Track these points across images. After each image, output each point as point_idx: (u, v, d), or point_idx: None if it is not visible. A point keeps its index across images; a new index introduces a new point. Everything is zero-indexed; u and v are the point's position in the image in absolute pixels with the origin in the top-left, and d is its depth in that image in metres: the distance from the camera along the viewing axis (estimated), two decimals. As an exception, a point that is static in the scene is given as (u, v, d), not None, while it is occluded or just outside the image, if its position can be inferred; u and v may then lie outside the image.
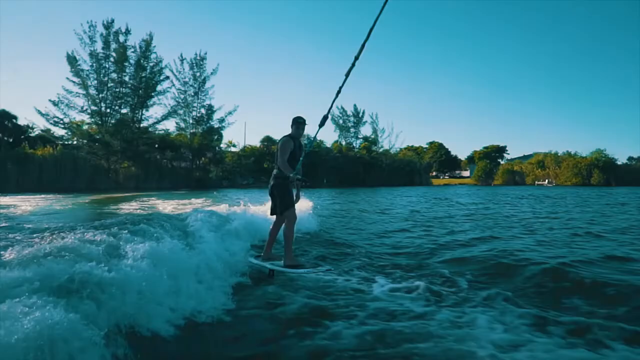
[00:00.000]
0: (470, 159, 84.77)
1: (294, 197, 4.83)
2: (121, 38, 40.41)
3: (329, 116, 4.64)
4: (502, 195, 29.03)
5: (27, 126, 40.98)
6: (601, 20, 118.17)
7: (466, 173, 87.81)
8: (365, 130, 66.90)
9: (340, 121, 63.48)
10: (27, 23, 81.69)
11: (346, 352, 2.73)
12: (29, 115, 69.63)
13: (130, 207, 14.99)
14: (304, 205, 8.51)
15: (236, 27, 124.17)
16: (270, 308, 3.67)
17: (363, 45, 4.03)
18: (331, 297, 3.95)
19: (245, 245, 5.91)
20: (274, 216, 4.94)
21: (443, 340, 2.87)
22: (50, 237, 3.72)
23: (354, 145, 64.36)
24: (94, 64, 39.55)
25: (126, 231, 4.14)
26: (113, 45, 40.21)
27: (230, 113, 47.59)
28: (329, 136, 70.40)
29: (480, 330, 3.05)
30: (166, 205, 14.88)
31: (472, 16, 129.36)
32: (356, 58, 4.09)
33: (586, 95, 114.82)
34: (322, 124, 4.56)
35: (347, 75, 4.17)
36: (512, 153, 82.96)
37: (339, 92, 4.29)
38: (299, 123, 4.80)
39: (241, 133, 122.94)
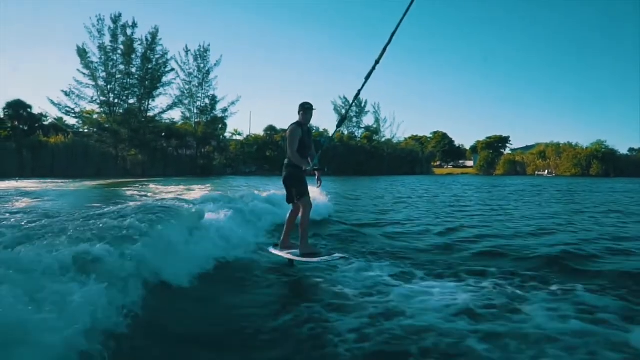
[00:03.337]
0: (474, 149, 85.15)
1: (317, 183, 4.87)
2: (128, 31, 42.02)
3: (347, 117, 4.97)
4: (472, 185, 30.45)
5: (41, 115, 43.33)
6: (604, 13, 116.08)
7: (470, 163, 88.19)
8: (368, 120, 67.96)
9: (343, 111, 64.47)
10: (41, 16, 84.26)
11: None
12: (43, 104, 72.59)
13: (135, 191, 16.88)
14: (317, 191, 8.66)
15: (243, 16, 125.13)
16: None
17: (385, 49, 3.85)
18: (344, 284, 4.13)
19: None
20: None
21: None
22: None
23: (356, 134, 65.57)
24: (103, 57, 41.24)
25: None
26: (121, 38, 41.84)
27: (233, 103, 49.15)
28: (332, 125, 71.56)
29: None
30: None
31: (476, 7, 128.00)
32: (377, 62, 3.90)
33: (591, 86, 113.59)
34: (340, 125, 4.86)
35: (366, 78, 4.00)
36: (515, 144, 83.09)
37: (357, 94, 4.17)
38: (306, 109, 4.61)
39: (247, 122, 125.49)
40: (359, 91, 4.10)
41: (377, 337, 2.81)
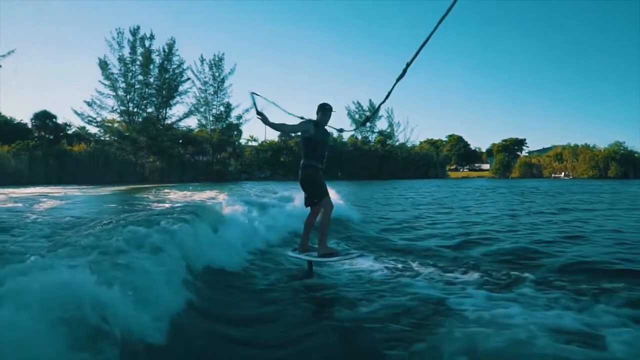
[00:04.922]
0: (490, 152, 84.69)
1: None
2: (146, 43, 44.11)
3: (377, 111, 5.23)
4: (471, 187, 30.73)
5: (65, 124, 45.66)
6: (623, 14, 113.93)
7: (486, 166, 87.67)
8: (381, 125, 68.56)
9: (357, 116, 65.16)
10: (65, 30, 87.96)
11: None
12: (67, 114, 75.70)
13: (154, 196, 18.10)
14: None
15: (257, 17, 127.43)
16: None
17: (417, 53, 3.79)
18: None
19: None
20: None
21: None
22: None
23: (370, 139, 66.21)
24: (122, 68, 43.46)
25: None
26: (139, 50, 43.93)
27: (247, 110, 50.51)
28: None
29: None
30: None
31: (490, 9, 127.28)
32: (408, 64, 3.82)
33: (609, 87, 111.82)
34: (363, 123, 5.60)
35: (398, 79, 3.94)
36: (532, 146, 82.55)
37: (388, 95, 4.11)
38: (325, 109, 4.48)
39: (262, 128, 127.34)
40: (389, 92, 4.01)
41: (283, 290, 3.79)
